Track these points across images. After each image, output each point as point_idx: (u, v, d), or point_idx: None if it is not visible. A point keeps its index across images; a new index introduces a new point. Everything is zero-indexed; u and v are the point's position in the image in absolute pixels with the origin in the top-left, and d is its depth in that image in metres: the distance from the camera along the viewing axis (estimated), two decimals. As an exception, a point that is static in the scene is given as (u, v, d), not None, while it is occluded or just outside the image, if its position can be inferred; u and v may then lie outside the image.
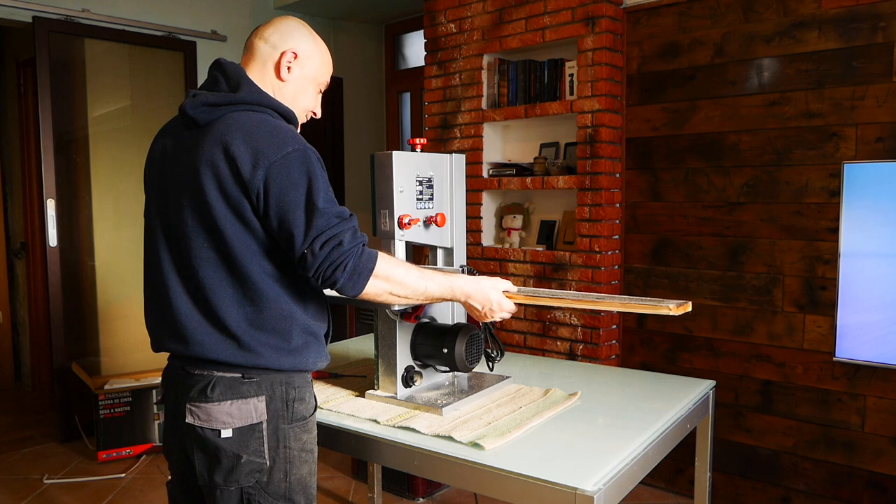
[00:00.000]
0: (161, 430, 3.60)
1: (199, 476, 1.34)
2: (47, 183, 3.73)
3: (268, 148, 1.26)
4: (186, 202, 1.30)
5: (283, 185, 1.25)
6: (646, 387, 1.83)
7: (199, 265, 1.30)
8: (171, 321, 1.34)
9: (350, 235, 1.28)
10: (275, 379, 1.34)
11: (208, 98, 1.33)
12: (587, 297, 1.54)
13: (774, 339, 2.78)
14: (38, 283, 4.60)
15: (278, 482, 1.34)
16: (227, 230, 1.27)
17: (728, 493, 2.94)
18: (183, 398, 1.34)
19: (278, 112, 1.37)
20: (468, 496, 3.13)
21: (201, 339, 1.30)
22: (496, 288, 1.50)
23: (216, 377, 1.31)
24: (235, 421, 1.30)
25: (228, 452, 1.30)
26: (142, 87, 4.12)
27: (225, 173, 1.26)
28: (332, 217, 1.27)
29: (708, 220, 2.94)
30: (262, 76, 1.42)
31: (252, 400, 1.31)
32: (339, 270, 1.26)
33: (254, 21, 4.47)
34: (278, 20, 1.46)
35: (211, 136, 1.29)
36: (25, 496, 3.16)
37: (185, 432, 1.35)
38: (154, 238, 1.38)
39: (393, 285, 1.34)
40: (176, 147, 1.37)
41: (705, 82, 2.91)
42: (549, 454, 1.36)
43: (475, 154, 3.47)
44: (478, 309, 1.49)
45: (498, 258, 3.40)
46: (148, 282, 1.42)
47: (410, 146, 1.69)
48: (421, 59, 3.97)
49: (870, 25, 2.51)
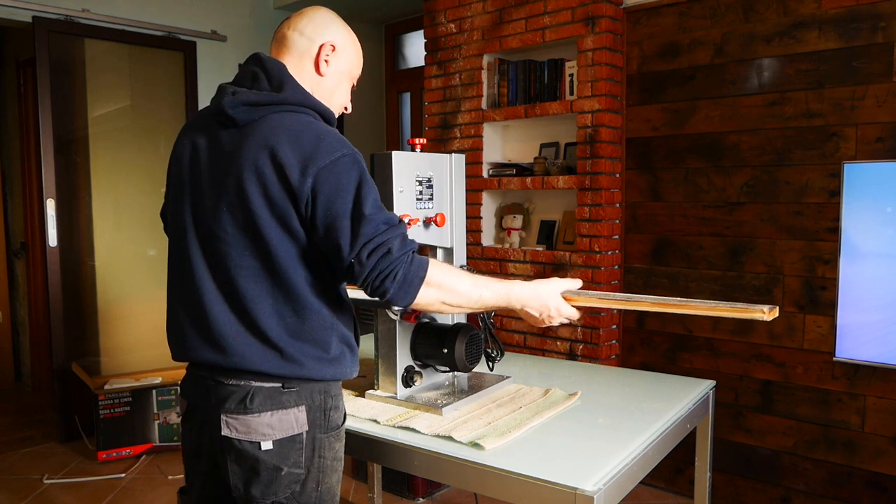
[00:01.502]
0: (161, 430, 3.60)
1: (233, 489, 1.28)
2: (47, 183, 3.73)
3: (316, 153, 1.20)
4: (226, 207, 1.24)
5: (331, 192, 1.20)
6: (646, 387, 1.83)
7: (239, 274, 1.24)
8: (207, 330, 1.27)
9: (399, 242, 1.23)
10: (314, 388, 1.29)
11: (250, 97, 1.25)
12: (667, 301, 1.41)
13: (774, 339, 2.78)
14: (38, 283, 4.60)
15: (310, 492, 1.30)
16: (272, 239, 1.22)
17: (728, 493, 2.94)
18: (215, 409, 1.27)
19: (319, 113, 1.32)
20: (468, 496, 3.13)
21: (242, 349, 1.24)
22: (554, 292, 1.41)
23: (254, 387, 1.25)
24: (276, 433, 1.25)
25: (269, 465, 1.25)
26: (142, 87, 4.12)
27: (271, 179, 1.20)
28: (380, 224, 1.22)
29: (708, 220, 2.94)
30: (299, 70, 1.35)
31: (293, 410, 1.26)
32: (389, 280, 1.22)
33: (254, 21, 4.47)
34: (311, 11, 1.39)
35: (254, 139, 1.22)
36: (25, 496, 3.16)
37: (216, 444, 1.28)
38: (185, 242, 1.31)
39: (445, 294, 1.29)
40: (212, 147, 1.29)
41: (705, 82, 2.91)
42: (549, 454, 1.36)
43: (475, 154, 3.47)
44: (535, 316, 1.42)
45: (498, 258, 3.40)
46: (177, 287, 1.34)
47: (410, 146, 1.69)
48: (421, 59, 3.97)
49: (870, 25, 2.50)
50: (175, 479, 3.30)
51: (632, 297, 1.46)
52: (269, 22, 4.54)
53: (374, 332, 1.69)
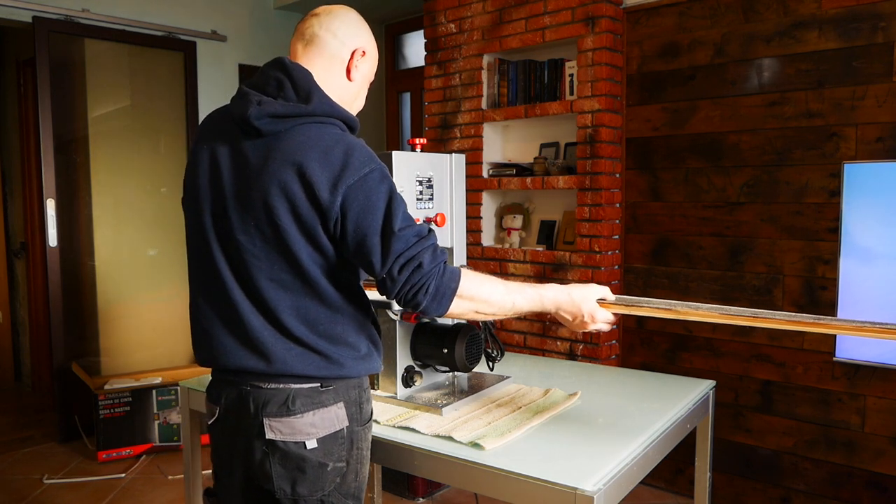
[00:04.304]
0: (161, 430, 3.60)
1: (277, 491, 1.29)
2: (47, 183, 3.73)
3: (345, 170, 1.20)
4: (254, 222, 1.24)
5: (361, 209, 1.21)
6: (646, 387, 1.83)
7: (268, 286, 1.26)
8: (246, 338, 1.28)
9: (430, 255, 1.24)
10: (350, 384, 1.33)
11: (276, 109, 1.24)
12: (712, 310, 1.33)
13: (774, 338, 2.78)
14: (38, 283, 4.59)
15: (350, 482, 1.34)
16: (301, 253, 1.23)
17: (728, 493, 2.94)
18: (256, 414, 1.28)
19: (345, 122, 1.31)
20: (468, 496, 3.13)
21: (283, 355, 1.26)
22: (588, 298, 1.41)
23: (294, 389, 1.28)
24: (319, 431, 1.28)
25: (314, 462, 1.28)
26: (142, 87, 4.12)
27: (300, 197, 1.20)
28: (411, 238, 1.23)
29: (708, 220, 2.94)
30: (328, 75, 1.33)
31: (332, 408, 1.30)
32: (422, 293, 1.24)
33: (254, 21, 4.47)
34: (342, 11, 1.36)
35: (281, 154, 1.22)
36: (25, 496, 3.16)
37: (258, 448, 1.29)
38: (209, 252, 1.31)
39: (479, 304, 1.31)
40: (236, 158, 1.28)
41: (705, 82, 2.91)
42: (549, 454, 1.36)
43: (475, 154, 3.47)
44: (569, 320, 1.42)
45: (498, 258, 3.40)
46: (205, 296, 1.34)
47: (410, 146, 1.69)
48: (421, 59, 3.96)
49: (870, 25, 2.50)
50: (175, 478, 3.30)
51: (674, 304, 1.40)
52: (269, 22, 4.54)
53: (374, 332, 1.69)
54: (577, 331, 1.45)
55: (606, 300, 1.43)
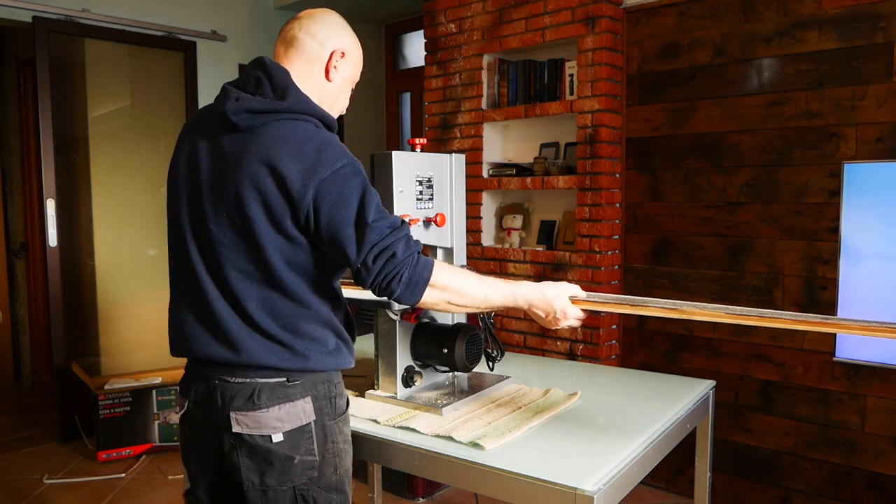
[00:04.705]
0: (161, 430, 3.60)
1: (245, 482, 1.30)
2: (47, 183, 3.73)
3: (317, 164, 1.23)
4: (225, 213, 1.27)
5: (333, 203, 1.24)
6: (646, 387, 1.83)
7: (236, 276, 1.29)
8: (215, 327, 1.31)
9: (403, 245, 1.27)
10: (318, 378, 1.34)
11: (253, 104, 1.28)
12: (669, 305, 1.36)
13: (774, 338, 2.78)
14: (38, 283, 4.59)
15: (329, 476, 1.35)
16: (269, 245, 1.26)
17: (728, 493, 2.94)
18: (224, 408, 1.31)
19: (321, 120, 1.34)
20: (468, 496, 3.13)
21: (248, 344, 1.29)
22: (561, 295, 1.44)
23: (260, 384, 1.30)
24: (285, 425, 1.30)
25: (280, 455, 1.30)
26: (142, 87, 4.12)
27: (271, 190, 1.23)
28: (384, 229, 1.26)
29: (708, 220, 2.94)
30: (307, 76, 1.37)
31: (299, 402, 1.31)
32: (395, 281, 1.27)
33: (254, 21, 4.47)
34: (322, 14, 1.41)
35: (255, 149, 1.25)
36: (25, 496, 3.16)
37: (225, 441, 1.31)
38: (184, 242, 1.34)
39: (451, 294, 1.33)
40: (213, 152, 1.32)
41: (705, 82, 2.91)
42: (549, 454, 1.36)
43: (475, 154, 3.47)
44: (542, 317, 1.45)
45: (498, 258, 3.40)
46: (179, 285, 1.38)
47: (410, 146, 1.69)
48: (421, 59, 3.96)
49: (870, 25, 2.51)
50: (175, 478, 3.30)
51: (645, 301, 1.43)
52: (269, 22, 4.54)
53: (374, 332, 1.69)
54: (549, 327, 1.48)
55: (578, 297, 1.46)
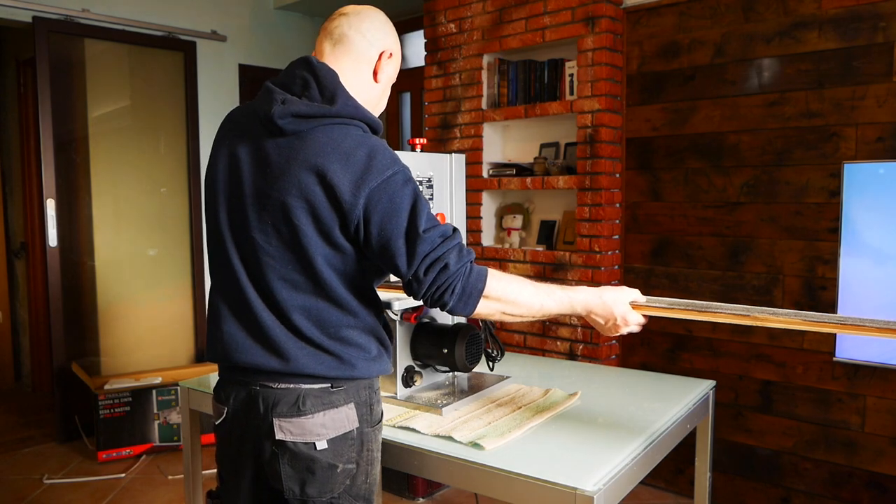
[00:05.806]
0: (161, 430, 3.60)
1: (287, 491, 1.29)
2: (47, 183, 3.73)
3: (368, 173, 1.20)
4: (270, 221, 1.24)
5: (384, 212, 1.21)
6: (646, 387, 1.83)
7: (281, 286, 1.26)
8: (261, 336, 1.28)
9: (455, 255, 1.24)
10: (360, 385, 1.32)
11: (300, 108, 1.23)
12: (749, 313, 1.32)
13: (774, 339, 2.78)
14: (38, 283, 4.60)
15: (360, 484, 1.33)
16: (316, 255, 1.23)
17: (728, 493, 2.94)
18: (266, 414, 1.28)
19: (369, 125, 1.30)
20: (468, 496, 3.13)
21: (295, 353, 1.26)
22: (621, 300, 1.38)
23: (304, 390, 1.27)
24: (329, 432, 1.28)
25: (324, 463, 1.27)
26: (142, 87, 4.12)
27: (320, 199, 1.20)
28: (436, 239, 1.23)
29: (708, 220, 2.94)
30: (355, 75, 1.33)
31: (343, 408, 1.29)
32: (448, 293, 1.24)
33: (254, 21, 4.47)
34: (369, 11, 1.36)
35: (303, 155, 1.21)
36: (25, 496, 3.16)
37: (267, 448, 1.29)
38: (224, 249, 1.31)
39: (506, 305, 1.30)
40: (256, 157, 1.27)
41: (705, 82, 2.91)
42: (549, 454, 1.36)
43: (475, 154, 3.47)
44: (601, 323, 1.39)
45: (498, 258, 3.40)
46: (222, 293, 1.34)
47: (410, 146, 1.69)
48: (421, 59, 3.96)
49: (870, 25, 2.51)
50: (175, 478, 3.30)
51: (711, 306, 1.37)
52: (269, 22, 4.54)
53: (375, 332, 1.69)
54: (608, 335, 1.42)
55: (638, 302, 1.41)
